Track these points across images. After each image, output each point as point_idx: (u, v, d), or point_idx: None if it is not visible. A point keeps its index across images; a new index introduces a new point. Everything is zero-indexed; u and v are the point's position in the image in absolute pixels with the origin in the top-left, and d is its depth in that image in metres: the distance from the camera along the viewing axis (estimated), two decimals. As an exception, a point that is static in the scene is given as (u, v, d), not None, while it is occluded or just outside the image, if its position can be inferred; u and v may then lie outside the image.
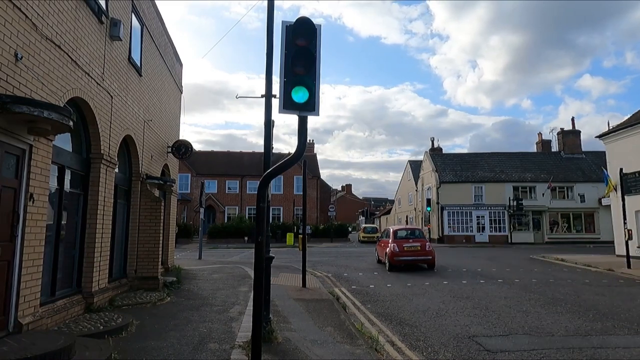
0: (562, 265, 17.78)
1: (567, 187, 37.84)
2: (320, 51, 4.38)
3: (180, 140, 13.91)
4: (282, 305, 8.75)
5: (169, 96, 13.71)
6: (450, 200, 37.36)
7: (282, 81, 4.21)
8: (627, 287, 11.72)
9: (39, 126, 5.29)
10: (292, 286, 11.34)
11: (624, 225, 16.70)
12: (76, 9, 6.88)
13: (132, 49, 9.72)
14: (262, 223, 4.55)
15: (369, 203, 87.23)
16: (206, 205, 35.44)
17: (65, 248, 7.28)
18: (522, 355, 5.72)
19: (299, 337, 6.39)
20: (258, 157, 45.54)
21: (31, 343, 4.80)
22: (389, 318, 8.04)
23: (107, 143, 8.30)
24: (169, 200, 13.91)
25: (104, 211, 8.18)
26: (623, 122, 20.90)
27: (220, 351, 5.57)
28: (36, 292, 5.81)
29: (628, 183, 17.89)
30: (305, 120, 4.29)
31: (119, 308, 7.93)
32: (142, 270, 10.32)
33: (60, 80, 6.35)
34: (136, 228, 10.48)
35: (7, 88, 5.05)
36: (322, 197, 52.47)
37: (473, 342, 6.35)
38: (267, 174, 4.67)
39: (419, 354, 5.91)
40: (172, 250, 14.53)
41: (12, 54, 5.15)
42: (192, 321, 7.18)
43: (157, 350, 5.57)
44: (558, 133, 42.48)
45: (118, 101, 8.87)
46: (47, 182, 6.05)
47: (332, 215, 45.68)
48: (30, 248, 5.63)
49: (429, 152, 42.42)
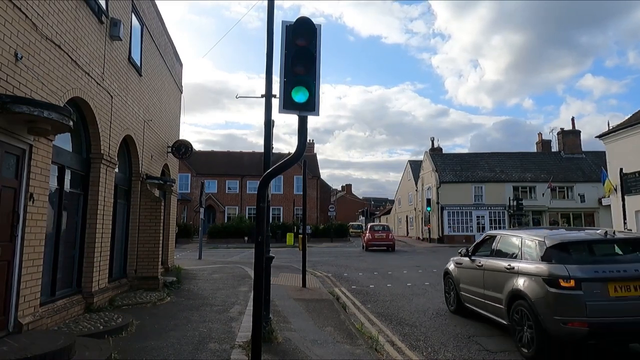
0: (562, 265, 17.75)
1: (567, 187, 37.87)
2: (321, 51, 4.38)
3: (180, 140, 13.92)
4: (282, 305, 8.75)
5: (169, 96, 13.71)
6: (450, 200, 37.37)
7: (282, 81, 4.22)
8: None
9: (39, 126, 5.29)
10: (292, 286, 11.34)
11: (624, 225, 16.72)
12: (76, 9, 6.88)
13: (132, 49, 9.72)
14: (262, 223, 4.55)
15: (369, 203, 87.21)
16: (206, 205, 35.45)
17: (65, 248, 7.28)
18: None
19: (299, 337, 6.39)
20: (258, 157, 45.55)
21: (31, 343, 4.80)
22: (389, 318, 8.04)
23: (107, 143, 8.30)
24: (169, 200, 13.91)
25: (104, 211, 8.18)
26: (623, 122, 20.92)
27: (220, 351, 5.57)
28: (36, 292, 5.80)
29: (628, 183, 17.91)
30: (305, 120, 4.29)
31: (119, 308, 7.93)
32: (142, 270, 10.32)
33: (60, 80, 6.35)
34: (136, 228, 10.48)
35: (7, 88, 5.05)
36: (322, 197, 52.51)
37: (473, 342, 6.35)
38: (267, 174, 4.67)
39: (419, 353, 5.91)
40: (172, 250, 14.54)
41: (12, 53, 5.15)
42: (192, 321, 7.18)
43: (157, 350, 5.57)
44: (558, 133, 42.51)
45: (118, 101, 8.87)
46: (47, 182, 6.05)
47: (332, 215, 45.70)
48: (30, 248, 5.63)
49: (429, 152, 42.43)
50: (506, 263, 6.46)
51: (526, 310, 5.66)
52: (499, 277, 6.57)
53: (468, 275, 7.80)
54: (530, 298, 5.59)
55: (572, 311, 5.15)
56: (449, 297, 8.71)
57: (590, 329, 5.04)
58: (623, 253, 5.91)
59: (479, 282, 7.29)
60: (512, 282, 6.10)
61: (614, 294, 5.16)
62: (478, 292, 7.27)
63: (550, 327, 5.28)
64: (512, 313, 6.01)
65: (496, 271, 6.73)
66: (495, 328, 7.10)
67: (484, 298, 7.02)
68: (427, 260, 20.19)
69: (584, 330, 5.06)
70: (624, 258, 5.75)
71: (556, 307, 5.24)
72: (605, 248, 6.05)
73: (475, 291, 7.41)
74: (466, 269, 7.92)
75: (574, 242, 5.96)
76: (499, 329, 7.04)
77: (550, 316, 5.27)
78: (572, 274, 5.25)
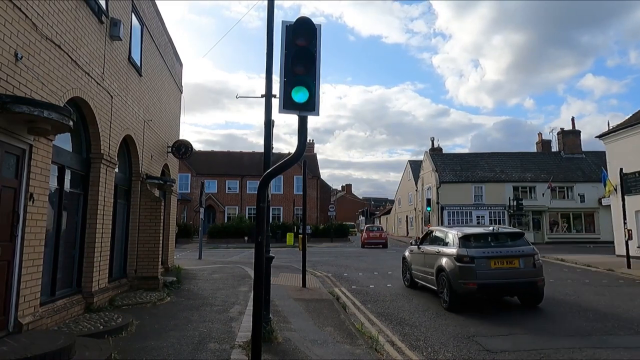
0: (562, 265, 17.78)
1: (567, 187, 37.87)
2: (321, 51, 4.39)
3: (180, 140, 13.91)
4: (282, 305, 8.75)
5: (169, 96, 13.71)
6: (450, 200, 37.38)
7: (282, 81, 4.22)
8: (627, 287, 11.72)
9: (39, 126, 5.29)
10: (292, 286, 11.34)
11: (624, 225, 16.70)
12: (76, 9, 6.88)
13: (132, 49, 9.72)
14: (262, 223, 4.55)
15: (369, 203, 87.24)
16: (206, 205, 35.44)
17: (65, 248, 7.28)
18: (522, 355, 5.72)
19: (299, 337, 6.39)
20: (258, 157, 45.55)
21: (31, 343, 4.80)
22: (389, 318, 8.04)
23: (107, 143, 8.30)
24: (169, 200, 13.91)
25: (104, 211, 8.18)
26: (623, 122, 20.90)
27: (220, 351, 5.57)
28: (36, 292, 5.80)
29: (628, 183, 17.90)
30: (305, 120, 4.29)
31: (119, 308, 7.93)
32: (142, 270, 10.32)
33: (60, 80, 6.35)
34: (136, 228, 10.48)
35: (7, 88, 5.05)
36: (322, 197, 52.49)
37: (473, 342, 6.34)
38: (267, 174, 4.67)
39: (419, 353, 5.91)
40: (172, 250, 14.53)
41: (12, 53, 5.15)
42: (192, 321, 7.18)
43: (157, 350, 5.57)
44: (558, 133, 42.51)
45: (118, 101, 8.86)
46: (47, 182, 6.05)
47: (332, 215, 45.65)
48: (30, 248, 5.63)
49: (429, 152, 42.45)
50: (436, 249, 9.59)
51: (445, 278, 8.69)
52: (432, 258, 9.58)
53: (416, 259, 10.92)
54: (447, 270, 8.64)
55: (469, 277, 8.21)
56: (405, 276, 11.73)
57: (478, 287, 8.16)
58: (502, 241, 8.92)
59: (422, 262, 10.35)
60: (439, 261, 9.10)
61: (494, 266, 8.33)
62: (422, 270, 10.30)
63: (456, 288, 8.32)
64: (438, 281, 9.08)
65: (431, 254, 9.79)
66: (495, 328, 7.11)
67: (425, 273, 10.00)
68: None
69: (474, 288, 8.15)
70: (502, 244, 8.81)
71: (460, 274, 8.31)
72: (492, 238, 8.99)
73: (420, 269, 10.43)
74: (415, 254, 11.04)
75: (473, 234, 9.03)
76: (499, 329, 7.07)
77: (457, 280, 8.32)
78: (470, 254, 8.38)
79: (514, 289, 8.68)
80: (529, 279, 8.43)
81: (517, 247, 8.67)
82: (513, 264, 8.39)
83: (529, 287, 8.52)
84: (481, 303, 8.88)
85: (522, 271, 8.41)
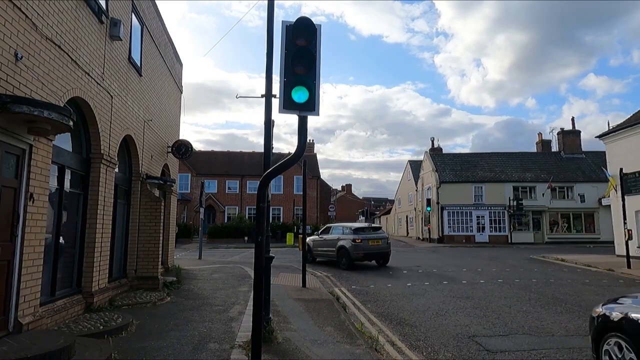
0: (562, 265, 17.79)
1: (567, 187, 37.84)
2: (321, 51, 4.39)
3: (180, 140, 13.91)
4: (282, 305, 8.75)
5: (169, 96, 13.71)
6: (450, 200, 37.34)
7: (282, 81, 4.21)
8: (627, 287, 11.72)
9: (39, 126, 5.29)
10: (292, 286, 11.34)
11: (624, 225, 16.71)
12: (76, 9, 6.88)
13: (132, 49, 9.72)
14: (262, 223, 4.55)
15: (369, 203, 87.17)
16: (206, 205, 35.45)
17: (65, 248, 7.28)
18: (522, 355, 5.73)
19: (299, 337, 6.39)
20: (258, 157, 45.55)
21: (31, 343, 4.80)
22: (389, 318, 8.04)
23: (107, 143, 8.30)
24: (169, 200, 13.91)
25: (104, 211, 8.18)
26: (623, 122, 20.90)
27: (220, 351, 5.57)
28: (36, 292, 5.80)
29: (628, 183, 17.90)
30: (305, 120, 4.29)
31: (118, 308, 7.93)
32: (142, 270, 10.32)
33: (60, 80, 6.35)
34: (136, 228, 10.48)
35: (7, 88, 5.05)
36: (322, 197, 52.46)
37: (473, 342, 6.35)
38: (267, 174, 4.67)
39: (419, 353, 5.91)
40: (172, 250, 14.54)
41: (12, 53, 5.15)
42: (192, 321, 7.18)
43: (157, 350, 5.57)
44: (558, 133, 42.45)
45: (118, 101, 8.87)
46: (47, 182, 6.05)
47: (332, 215, 45.64)
48: (30, 248, 5.63)
49: (429, 152, 42.41)
50: (336, 237, 17.01)
51: (344, 251, 16.15)
52: (333, 242, 16.95)
53: (317, 244, 18.11)
54: (347, 247, 16.07)
55: (359, 249, 15.90)
56: (308, 257, 15.99)
57: (363, 255, 16.06)
58: (373, 231, 17.14)
59: (322, 245, 17.76)
60: (338, 243, 16.50)
61: (370, 244, 16.22)
62: (322, 250, 17.73)
63: (353, 256, 15.94)
64: (338, 255, 16.44)
65: (331, 240, 17.20)
66: (495, 328, 7.11)
67: (325, 252, 17.52)
68: (427, 260, 20.20)
69: (361, 255, 16.00)
70: (373, 232, 17.00)
71: (354, 248, 15.91)
72: (369, 229, 17.21)
73: (320, 250, 17.85)
74: (317, 241, 18.22)
75: (359, 227, 17.08)
76: (499, 329, 7.06)
77: (353, 252, 15.89)
78: (359, 237, 16.14)
79: (379, 256, 16.67)
80: (386, 250, 16.72)
81: (380, 234, 17.13)
82: (378, 242, 16.46)
83: (385, 255, 16.84)
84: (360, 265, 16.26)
85: (382, 246, 16.53)
